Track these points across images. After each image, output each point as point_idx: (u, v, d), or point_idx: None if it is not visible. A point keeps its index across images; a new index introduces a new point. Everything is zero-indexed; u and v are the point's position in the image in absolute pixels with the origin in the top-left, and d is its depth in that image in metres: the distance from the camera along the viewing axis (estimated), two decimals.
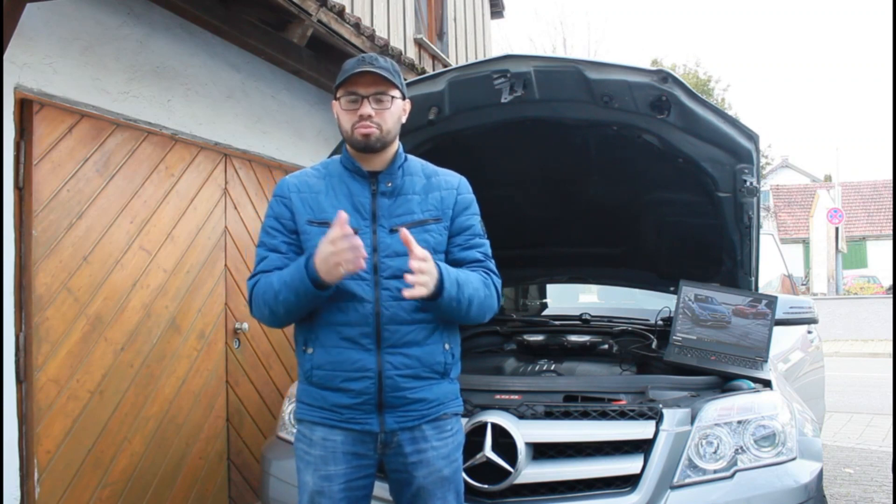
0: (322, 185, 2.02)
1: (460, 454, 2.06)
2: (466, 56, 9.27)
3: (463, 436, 2.10)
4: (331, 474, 1.93)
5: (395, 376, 1.91)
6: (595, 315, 3.79)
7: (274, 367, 4.42)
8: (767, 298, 3.00)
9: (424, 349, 1.95)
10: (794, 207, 31.16)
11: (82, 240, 3.22)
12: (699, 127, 2.77)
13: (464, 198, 2.08)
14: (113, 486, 3.33)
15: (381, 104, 1.94)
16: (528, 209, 3.62)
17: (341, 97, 1.97)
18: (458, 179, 2.11)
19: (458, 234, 2.04)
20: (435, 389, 1.98)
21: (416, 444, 1.95)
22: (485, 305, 2.00)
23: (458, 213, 2.05)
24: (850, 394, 8.81)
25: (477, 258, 2.05)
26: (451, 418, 2.03)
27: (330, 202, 1.98)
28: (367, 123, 1.93)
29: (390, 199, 1.99)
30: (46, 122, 3.07)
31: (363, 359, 1.91)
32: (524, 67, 2.73)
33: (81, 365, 3.19)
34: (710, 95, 31.12)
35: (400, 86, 1.98)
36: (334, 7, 4.14)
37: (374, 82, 1.93)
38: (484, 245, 2.09)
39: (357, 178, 2.01)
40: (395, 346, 1.92)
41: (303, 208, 1.99)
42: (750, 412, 2.44)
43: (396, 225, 1.96)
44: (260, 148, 4.41)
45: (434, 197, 2.03)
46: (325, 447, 1.94)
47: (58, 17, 3.11)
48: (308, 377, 1.98)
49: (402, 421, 1.94)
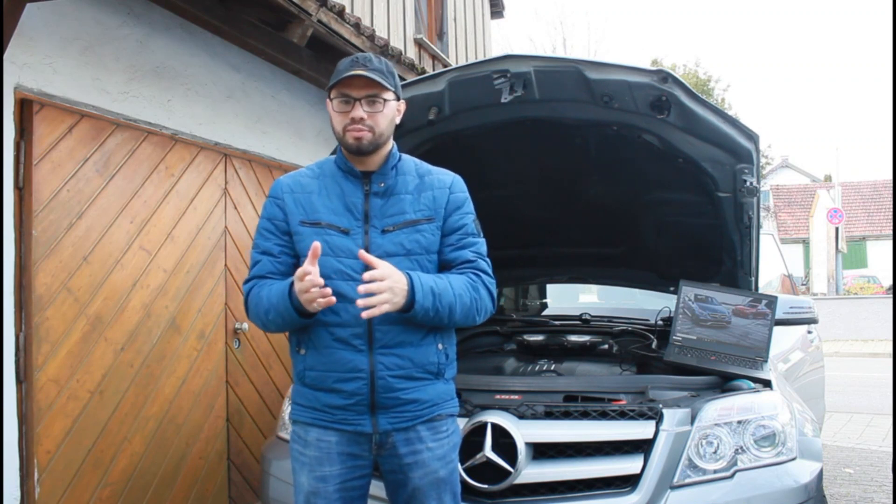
0: (315, 185, 2.01)
1: (456, 455, 2.05)
2: (466, 56, 9.27)
3: (459, 437, 2.09)
4: (326, 475, 1.93)
5: (387, 377, 1.91)
6: (595, 315, 3.79)
7: (274, 367, 4.42)
8: (767, 298, 3.00)
9: (417, 349, 1.94)
10: (794, 207, 31.16)
11: (82, 240, 3.22)
12: (699, 127, 2.76)
13: (456, 196, 2.06)
14: (113, 486, 3.33)
15: (373, 107, 1.93)
16: (528, 209, 3.62)
17: (334, 98, 1.95)
18: (452, 178, 2.08)
19: (450, 234, 2.03)
20: (429, 390, 1.97)
21: (411, 445, 1.95)
22: (471, 310, 1.97)
23: (450, 212, 2.03)
24: (850, 394, 8.81)
25: (468, 259, 2.02)
26: (446, 419, 2.02)
27: (322, 202, 1.97)
28: (358, 127, 1.91)
29: (382, 200, 1.98)
30: (46, 122, 3.07)
31: (355, 359, 1.90)
32: (524, 67, 2.73)
33: (81, 365, 3.19)
34: (710, 95, 31.12)
35: (393, 87, 1.96)
36: (334, 7, 4.14)
37: (367, 85, 1.92)
38: (477, 244, 2.06)
39: (350, 179, 2.00)
40: (388, 346, 1.91)
41: (295, 209, 1.98)
42: (750, 412, 2.44)
43: (389, 225, 1.95)
44: (260, 148, 4.41)
45: (426, 196, 2.01)
46: (320, 448, 1.94)
47: (58, 17, 3.11)
48: (301, 378, 1.98)
49: (395, 422, 1.93)
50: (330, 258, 1.91)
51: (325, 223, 1.95)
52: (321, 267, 1.84)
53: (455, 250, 2.02)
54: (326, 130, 5.04)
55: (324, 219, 1.95)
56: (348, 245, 1.92)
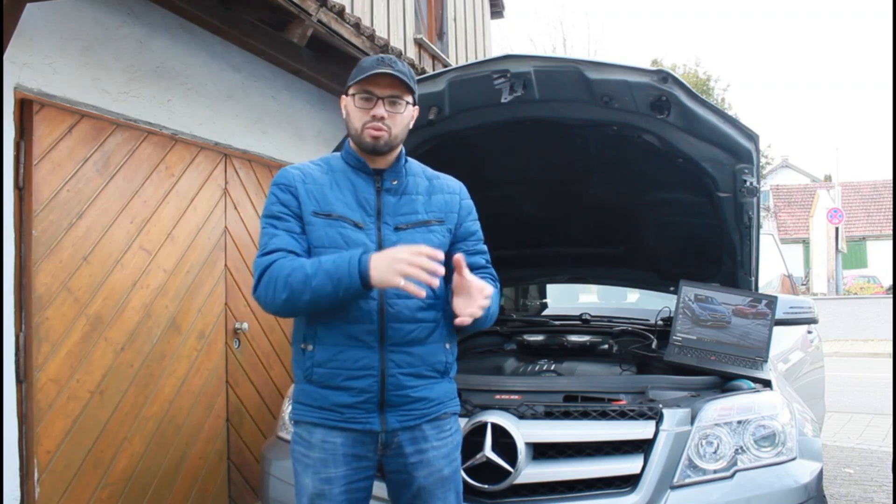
0: (326, 178, 2.00)
1: (459, 454, 2.06)
2: (466, 56, 9.27)
3: (461, 435, 2.10)
4: (331, 477, 1.91)
5: (398, 374, 1.91)
6: (595, 315, 3.79)
7: (274, 367, 4.42)
8: (767, 298, 3.00)
9: (427, 348, 1.95)
10: (794, 207, 31.16)
11: (82, 240, 3.22)
12: (699, 127, 2.76)
13: (467, 203, 2.10)
14: (113, 486, 3.33)
15: (394, 107, 1.94)
16: (528, 209, 3.62)
17: (355, 94, 1.94)
18: (459, 185, 2.12)
19: (463, 240, 2.05)
20: (436, 388, 1.98)
21: (417, 445, 1.95)
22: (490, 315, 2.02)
23: (463, 217, 2.06)
24: (850, 394, 8.81)
25: (482, 264, 2.07)
26: (450, 418, 2.03)
27: (336, 196, 1.96)
28: (378, 125, 1.91)
29: (395, 198, 1.99)
30: (46, 122, 3.07)
31: (366, 356, 1.89)
32: (524, 67, 2.73)
33: (81, 365, 3.19)
34: (710, 95, 31.11)
35: (414, 91, 1.98)
36: (334, 7, 4.14)
37: (392, 85, 1.92)
38: (485, 250, 2.12)
39: (361, 175, 2.00)
40: (399, 343, 1.91)
41: (308, 199, 1.95)
42: (750, 412, 2.44)
43: (402, 223, 1.96)
44: (260, 148, 4.41)
45: (437, 199, 2.03)
46: (325, 449, 1.92)
47: (58, 17, 3.11)
48: (308, 376, 1.94)
49: (403, 420, 1.93)
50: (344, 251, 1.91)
51: (338, 215, 1.93)
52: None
53: (470, 256, 2.03)
54: (326, 130, 5.04)
55: (338, 211, 1.93)
56: (363, 240, 1.92)
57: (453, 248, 2.03)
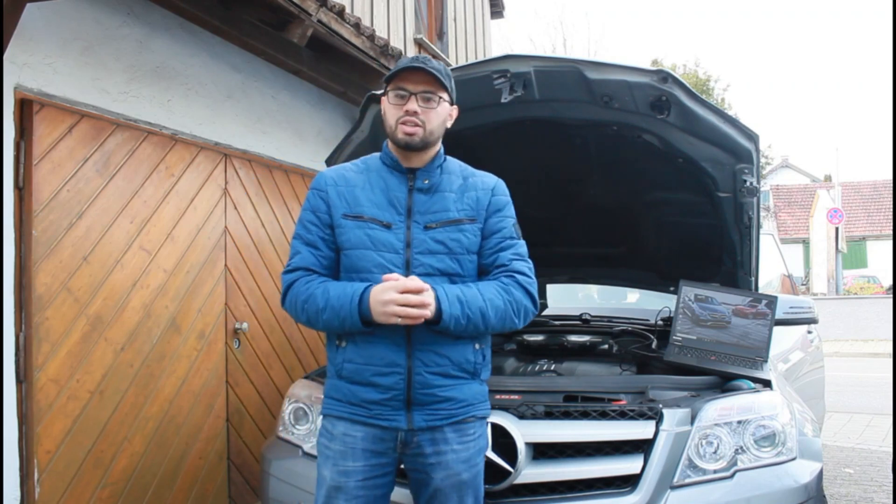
0: (360, 179, 2.03)
1: (482, 459, 2.06)
2: (466, 56, 9.27)
3: (486, 441, 2.10)
4: (349, 470, 1.94)
5: (424, 373, 1.92)
6: (595, 315, 3.80)
7: (274, 367, 4.42)
8: (767, 298, 3.00)
9: (455, 347, 1.96)
10: (794, 207, 31.16)
11: (82, 240, 3.22)
12: (699, 127, 2.76)
13: (498, 199, 2.09)
14: (113, 486, 3.33)
15: (427, 103, 1.96)
16: (527, 209, 3.58)
17: (390, 91, 1.98)
18: (495, 181, 2.12)
19: (489, 237, 2.04)
20: (464, 389, 1.99)
21: (436, 446, 1.96)
22: (507, 312, 1.97)
23: (490, 213, 2.05)
24: (850, 394, 8.81)
25: (503, 263, 2.03)
26: (475, 422, 2.03)
27: (366, 196, 1.99)
28: (412, 120, 1.94)
29: (427, 196, 2.00)
30: (46, 122, 3.07)
31: (393, 354, 1.92)
32: (524, 67, 2.73)
33: (81, 365, 3.19)
34: (710, 95, 31.12)
35: (449, 89, 2.00)
36: (334, 7, 4.14)
37: (424, 80, 1.95)
38: (515, 245, 2.07)
39: (395, 174, 2.02)
40: (426, 343, 1.93)
41: (339, 202, 1.99)
42: (750, 412, 2.44)
43: (431, 222, 1.97)
44: (260, 148, 4.41)
45: (470, 197, 2.04)
46: (345, 442, 1.95)
47: (58, 17, 3.11)
48: (339, 371, 1.98)
49: (430, 419, 1.94)
50: (370, 252, 1.94)
51: (367, 217, 1.96)
52: (361, 260, 1.93)
53: (493, 254, 2.03)
54: (326, 130, 5.05)
55: (366, 212, 1.96)
56: (390, 240, 1.95)
57: (482, 246, 2.03)
